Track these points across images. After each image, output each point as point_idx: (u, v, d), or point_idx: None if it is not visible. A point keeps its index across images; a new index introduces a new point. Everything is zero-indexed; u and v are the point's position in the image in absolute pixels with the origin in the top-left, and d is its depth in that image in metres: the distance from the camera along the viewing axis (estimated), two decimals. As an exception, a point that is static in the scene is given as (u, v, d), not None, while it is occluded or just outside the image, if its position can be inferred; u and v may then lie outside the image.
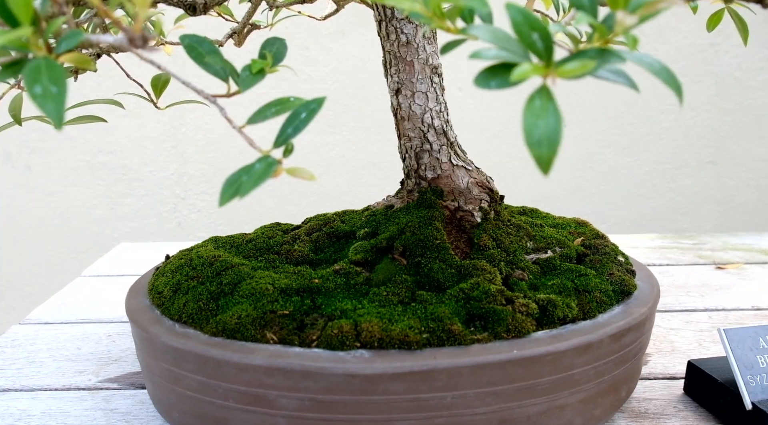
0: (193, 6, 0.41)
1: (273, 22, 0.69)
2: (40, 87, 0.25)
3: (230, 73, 0.35)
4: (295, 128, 0.33)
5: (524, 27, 0.25)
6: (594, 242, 0.57)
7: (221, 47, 0.65)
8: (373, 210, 0.57)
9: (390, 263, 0.49)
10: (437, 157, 0.53)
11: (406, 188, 0.55)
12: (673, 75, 0.26)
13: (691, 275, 0.86)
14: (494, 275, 0.48)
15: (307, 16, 0.69)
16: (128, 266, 0.91)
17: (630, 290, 0.50)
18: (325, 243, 0.55)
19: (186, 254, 0.54)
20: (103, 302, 0.77)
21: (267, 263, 0.52)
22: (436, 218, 0.52)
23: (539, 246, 0.53)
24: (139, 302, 0.50)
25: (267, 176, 0.31)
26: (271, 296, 0.45)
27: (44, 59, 0.26)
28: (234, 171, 0.32)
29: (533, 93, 0.26)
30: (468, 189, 0.53)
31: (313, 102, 0.34)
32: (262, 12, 0.66)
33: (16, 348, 0.65)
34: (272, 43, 0.38)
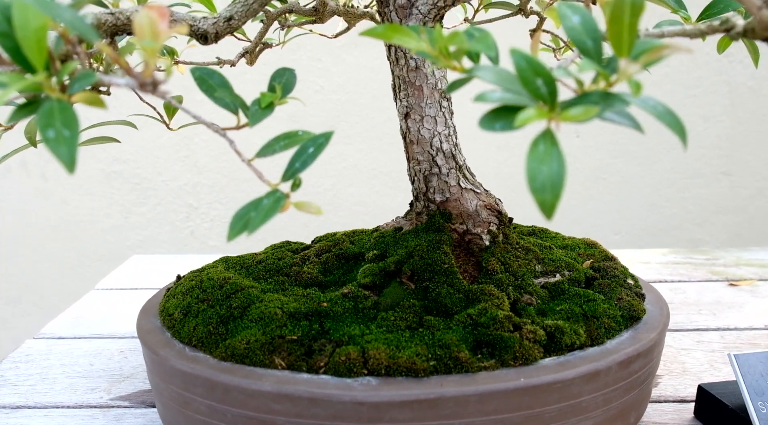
0: (204, 35, 0.42)
1: (285, 40, 0.69)
2: (53, 131, 0.25)
3: (240, 106, 0.36)
4: (303, 163, 0.33)
5: (528, 73, 0.25)
6: (603, 264, 0.57)
7: (233, 67, 0.66)
8: (382, 232, 0.57)
9: (398, 287, 0.50)
10: (446, 180, 0.53)
11: (415, 210, 0.56)
12: (677, 118, 0.26)
13: (703, 292, 0.85)
14: (502, 301, 0.48)
15: (318, 34, 0.70)
16: (141, 279, 0.92)
17: (639, 315, 0.50)
18: (334, 265, 0.55)
19: (197, 275, 0.54)
20: (115, 316, 0.78)
21: (276, 285, 0.52)
22: (444, 241, 0.52)
23: (548, 269, 0.53)
24: (150, 324, 0.51)
25: (275, 212, 0.32)
26: (280, 321, 0.46)
27: (57, 102, 0.26)
28: (243, 205, 0.33)
29: (537, 137, 0.26)
30: (476, 212, 0.53)
31: (320, 136, 0.34)
32: (274, 31, 0.67)
33: (30, 364, 0.66)
34: (281, 74, 0.39)
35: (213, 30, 0.42)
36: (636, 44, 0.26)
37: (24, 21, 0.25)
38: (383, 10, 0.49)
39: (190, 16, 0.42)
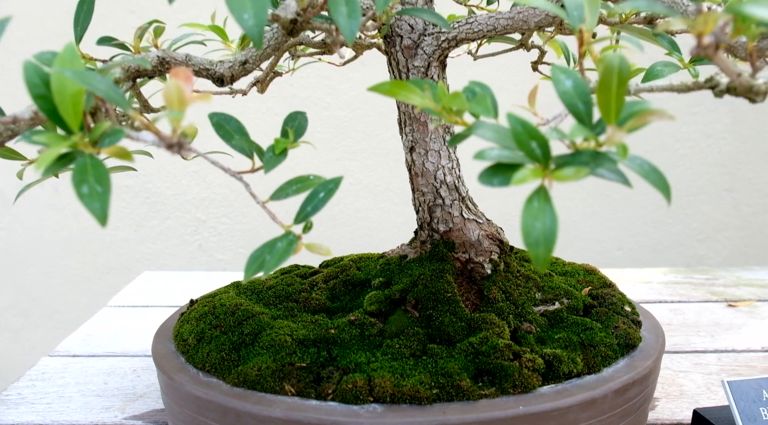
0: (221, 79, 0.44)
1: (295, 68, 0.72)
2: (87, 187, 0.28)
3: (256, 151, 0.38)
4: (314, 207, 0.36)
5: (523, 136, 0.27)
6: (601, 291, 0.58)
7: (245, 95, 0.68)
8: (387, 258, 0.59)
9: (403, 315, 0.52)
10: (449, 211, 0.55)
11: (420, 239, 0.58)
12: (662, 177, 0.29)
13: (702, 313, 0.87)
14: (503, 329, 0.50)
15: (327, 62, 0.72)
16: (152, 296, 0.94)
17: (635, 343, 0.52)
18: (341, 291, 0.58)
19: (209, 301, 0.57)
20: (127, 334, 0.80)
21: (286, 311, 0.55)
22: (447, 270, 0.54)
23: (547, 297, 0.55)
24: (165, 348, 0.53)
25: (289, 255, 0.34)
26: (290, 348, 0.48)
27: (90, 158, 0.29)
28: (258, 247, 0.35)
29: (532, 194, 0.28)
30: (479, 241, 0.55)
31: (330, 182, 0.36)
32: (284, 60, 0.69)
33: (46, 382, 0.68)
34: (294, 119, 0.41)
35: (229, 73, 0.44)
36: (623, 109, 0.28)
37: (61, 87, 0.27)
38: (390, 49, 0.52)
39: (207, 60, 0.44)
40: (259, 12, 0.29)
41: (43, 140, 0.27)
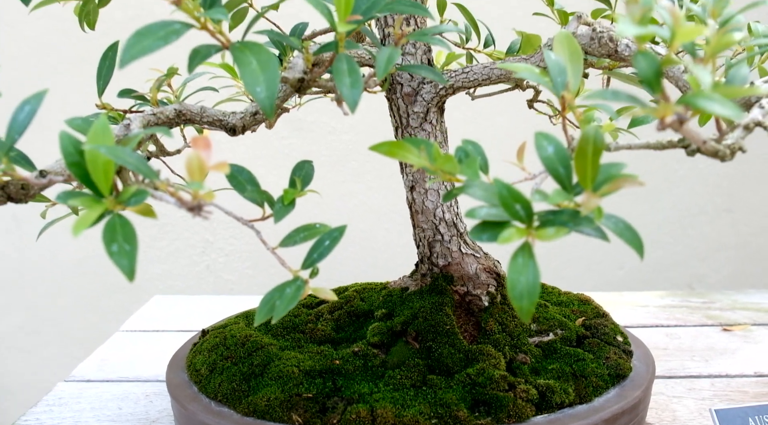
0: (233, 129, 0.47)
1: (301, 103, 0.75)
2: (116, 245, 0.31)
3: (266, 201, 0.41)
4: (320, 254, 0.39)
5: (509, 199, 0.30)
6: (594, 321, 0.61)
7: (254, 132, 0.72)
8: (390, 290, 0.62)
9: (404, 347, 0.54)
10: (448, 246, 0.58)
11: (420, 272, 0.60)
12: (635, 235, 0.31)
13: (697, 337, 0.89)
14: (499, 360, 0.53)
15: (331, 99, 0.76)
16: (163, 321, 0.97)
17: (625, 373, 0.55)
18: (345, 322, 0.60)
19: (220, 332, 0.59)
20: (140, 359, 0.83)
21: (293, 342, 0.57)
22: (446, 303, 0.57)
23: (542, 328, 0.58)
24: (178, 378, 0.56)
25: (297, 300, 0.37)
26: (297, 379, 0.51)
27: (118, 217, 0.32)
28: (269, 291, 0.38)
29: (517, 251, 0.31)
30: (476, 275, 0.58)
31: (335, 230, 0.39)
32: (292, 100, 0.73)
33: (63, 407, 0.71)
34: (301, 168, 0.44)
35: (240, 124, 0.47)
36: (600, 172, 0.31)
37: (94, 158, 0.30)
38: (391, 96, 0.55)
39: (220, 111, 0.48)
40: (271, 85, 0.32)
41: (79, 204, 0.30)
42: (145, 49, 0.31)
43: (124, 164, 0.29)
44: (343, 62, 0.35)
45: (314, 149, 1.54)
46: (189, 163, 0.29)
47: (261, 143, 1.50)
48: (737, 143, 0.34)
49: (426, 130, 0.55)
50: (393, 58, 0.36)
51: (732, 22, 0.30)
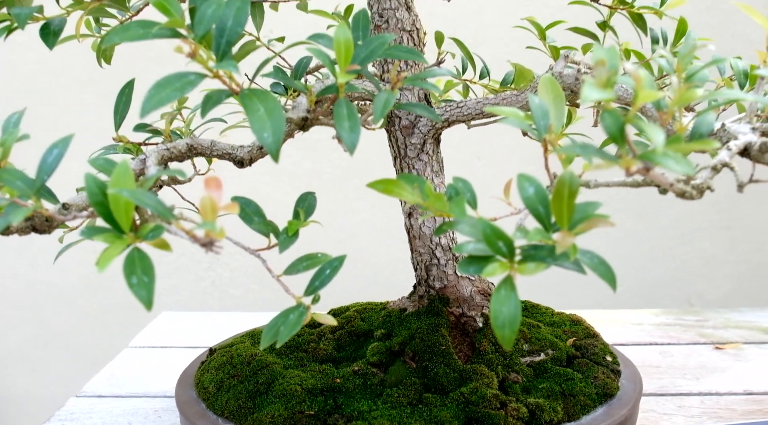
0: (241, 162, 0.50)
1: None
2: (136, 277, 0.34)
3: (272, 232, 0.44)
4: (321, 282, 0.42)
5: (492, 237, 0.33)
6: (585, 342, 0.64)
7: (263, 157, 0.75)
8: (389, 310, 0.65)
9: (402, 366, 0.57)
10: (444, 270, 0.61)
11: (418, 294, 0.63)
12: (609, 269, 0.34)
13: (690, 355, 0.92)
14: (491, 380, 0.55)
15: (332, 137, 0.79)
16: (170, 337, 1.00)
17: (612, 392, 0.57)
18: (346, 341, 0.63)
19: (227, 351, 0.62)
20: (148, 375, 0.86)
21: (296, 361, 0.60)
22: (442, 324, 0.59)
23: (533, 348, 0.61)
24: (187, 395, 0.59)
25: (300, 325, 0.40)
26: (300, 397, 0.54)
27: (137, 251, 0.35)
28: (274, 317, 0.41)
29: (500, 283, 0.34)
30: (471, 297, 0.61)
31: (335, 260, 0.42)
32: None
33: (75, 422, 0.74)
34: (304, 199, 0.47)
35: (248, 157, 0.50)
36: (575, 211, 0.34)
37: (116, 199, 0.33)
38: (390, 128, 0.58)
39: (229, 145, 0.51)
40: (277, 131, 0.35)
41: (103, 240, 0.33)
42: (163, 99, 0.34)
43: (144, 206, 0.32)
44: (343, 107, 0.38)
45: (318, 167, 1.57)
46: (203, 204, 0.32)
47: (266, 160, 1.54)
48: (705, 183, 0.37)
49: (423, 160, 0.58)
50: (389, 102, 0.39)
51: (696, 78, 0.33)
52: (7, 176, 0.36)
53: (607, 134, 0.28)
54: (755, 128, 0.40)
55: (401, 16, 0.55)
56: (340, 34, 0.39)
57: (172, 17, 0.38)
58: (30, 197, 0.36)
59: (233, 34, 0.37)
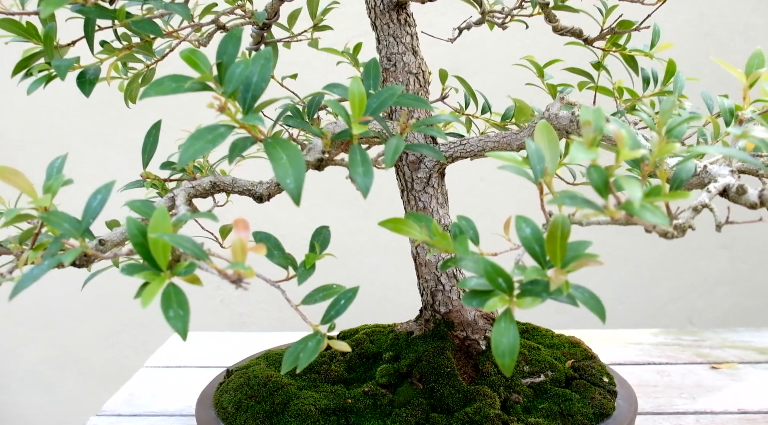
0: (260, 197, 0.54)
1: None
2: (173, 311, 0.38)
3: (290, 264, 0.48)
4: (336, 312, 0.45)
5: (492, 274, 0.37)
6: (583, 363, 0.67)
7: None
8: (396, 333, 0.68)
9: (409, 387, 0.61)
10: (449, 295, 0.64)
11: (424, 318, 0.67)
12: (599, 303, 0.38)
13: (687, 375, 0.95)
14: (494, 400, 0.59)
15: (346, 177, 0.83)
16: (184, 357, 1.04)
17: (608, 412, 0.61)
18: (356, 363, 0.67)
19: (244, 373, 0.66)
20: (165, 395, 0.89)
21: (309, 382, 0.64)
22: (447, 347, 0.63)
23: (534, 370, 0.64)
24: (207, 415, 0.63)
25: (317, 352, 0.43)
26: (314, 417, 0.57)
27: (173, 287, 0.39)
28: (293, 344, 0.45)
29: (500, 316, 0.38)
30: (474, 321, 0.65)
31: (350, 291, 0.46)
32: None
33: (97, 439, 0.77)
34: (319, 233, 0.51)
35: (266, 193, 0.54)
36: (568, 251, 0.37)
37: (155, 242, 0.37)
38: (398, 163, 0.62)
39: (249, 182, 0.55)
40: (298, 178, 0.39)
41: (143, 277, 0.37)
42: (198, 151, 0.38)
43: (182, 249, 0.36)
44: (357, 154, 0.42)
45: (327, 187, 1.61)
46: (234, 246, 0.36)
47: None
48: (687, 223, 0.41)
49: (428, 193, 0.62)
50: (399, 148, 0.43)
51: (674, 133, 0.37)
52: (55, 218, 0.40)
53: (593, 187, 0.32)
54: (733, 170, 0.43)
55: (408, 60, 0.59)
56: (354, 88, 0.43)
57: (200, 70, 0.42)
58: (77, 238, 0.40)
59: (258, 89, 0.41)
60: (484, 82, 0.83)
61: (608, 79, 0.67)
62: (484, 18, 0.64)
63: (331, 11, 0.73)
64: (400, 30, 0.58)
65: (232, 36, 0.43)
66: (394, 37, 0.59)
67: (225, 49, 0.43)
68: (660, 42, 0.64)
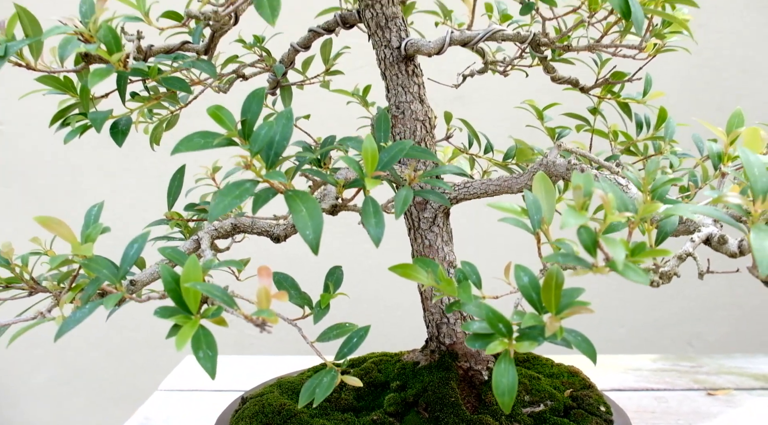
0: (277, 238, 0.58)
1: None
2: (202, 352, 0.41)
3: (306, 303, 0.52)
4: (349, 349, 0.49)
5: (493, 320, 0.41)
6: (581, 393, 0.70)
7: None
8: (403, 363, 0.72)
9: (416, 416, 0.64)
10: (453, 328, 0.68)
11: (429, 349, 0.70)
12: (591, 347, 0.42)
13: (683, 401, 0.98)
14: (496, 429, 0.62)
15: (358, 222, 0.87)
16: (197, 381, 1.07)
17: (604, 441, 0.64)
18: (365, 392, 0.70)
19: (258, 400, 0.69)
20: (179, 418, 0.93)
21: (320, 410, 0.67)
22: (452, 378, 0.66)
23: (534, 399, 0.68)
24: (224, 441, 0.66)
25: (333, 387, 0.47)
26: (326, 445, 0.60)
27: (202, 329, 0.42)
28: (309, 380, 0.48)
29: (500, 357, 0.41)
30: (477, 352, 0.68)
31: (362, 330, 0.50)
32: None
33: (115, 462, 0.80)
34: (333, 273, 0.55)
35: (283, 234, 0.58)
36: (563, 298, 0.41)
37: (187, 289, 0.41)
38: (405, 204, 0.66)
39: (267, 223, 0.59)
40: (317, 230, 0.43)
41: (175, 320, 0.41)
42: (227, 206, 0.42)
43: (213, 297, 0.39)
44: (369, 205, 0.46)
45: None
46: (259, 295, 0.40)
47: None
48: (672, 271, 0.45)
49: (434, 231, 0.66)
50: (408, 199, 0.47)
51: (659, 192, 0.41)
52: (95, 265, 0.44)
53: (582, 247, 0.36)
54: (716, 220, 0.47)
55: (415, 108, 0.63)
56: (367, 145, 0.47)
57: (226, 126, 0.46)
58: (115, 283, 0.44)
59: (280, 147, 0.45)
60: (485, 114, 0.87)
61: (603, 123, 0.72)
62: (486, 67, 0.69)
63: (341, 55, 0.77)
64: (408, 80, 0.63)
65: (256, 95, 0.47)
66: (403, 87, 0.63)
67: (249, 108, 0.47)
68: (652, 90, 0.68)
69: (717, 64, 1.56)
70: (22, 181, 1.63)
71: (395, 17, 0.62)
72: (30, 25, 0.48)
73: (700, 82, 1.55)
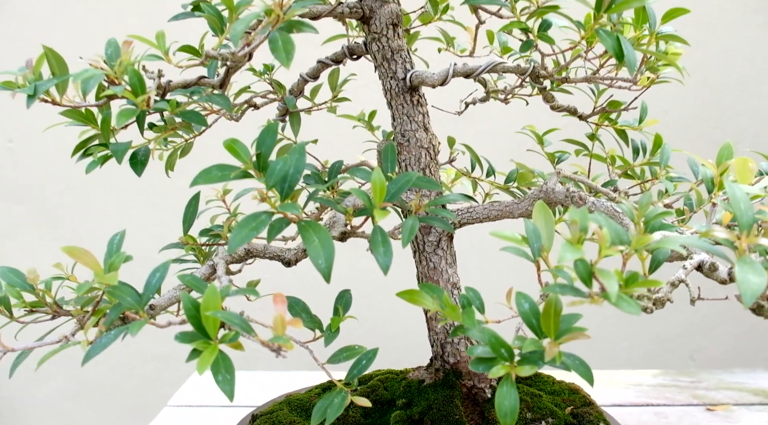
0: (288, 262, 0.61)
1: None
2: (221, 375, 0.44)
3: (317, 327, 0.54)
4: (359, 370, 0.52)
5: (496, 345, 0.43)
6: (581, 410, 0.73)
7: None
8: (408, 381, 0.74)
9: (421, 433, 0.66)
10: (457, 347, 0.70)
11: (434, 367, 0.73)
12: (588, 370, 0.44)
13: (683, 417, 1.00)
14: (499, 446, 0.64)
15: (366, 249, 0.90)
16: (206, 396, 1.10)
17: (604, 458, 0.66)
18: (372, 409, 0.72)
19: (269, 418, 0.72)
20: (189, 433, 0.95)
21: (329, 427, 0.69)
22: (456, 396, 0.69)
23: (535, 417, 0.70)
24: (236, 458, 0.68)
25: (343, 408, 0.50)
26: (335, 461, 0.63)
27: (221, 354, 0.45)
28: (320, 400, 0.51)
29: (502, 381, 0.44)
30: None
31: (370, 352, 0.52)
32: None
33: (128, 477, 0.83)
34: (342, 297, 0.58)
35: (294, 258, 0.61)
36: (561, 323, 0.43)
37: (207, 317, 0.44)
38: (410, 228, 0.68)
39: (278, 248, 0.61)
40: (329, 259, 0.45)
41: (197, 346, 0.43)
42: (244, 237, 0.44)
43: (232, 324, 0.42)
44: (378, 235, 0.49)
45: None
46: (275, 322, 0.43)
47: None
48: (666, 296, 0.47)
49: (438, 254, 0.69)
50: (414, 228, 0.50)
51: (651, 225, 0.43)
52: (119, 292, 0.46)
53: (578, 278, 0.38)
54: (707, 248, 0.49)
55: (420, 136, 0.66)
56: (376, 177, 0.49)
57: (241, 159, 0.49)
58: (138, 310, 0.46)
59: (294, 180, 0.48)
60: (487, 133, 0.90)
61: (602, 148, 0.74)
62: (488, 96, 0.71)
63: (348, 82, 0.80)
64: (413, 110, 0.65)
65: (270, 130, 0.50)
66: (408, 116, 0.65)
67: (264, 141, 0.49)
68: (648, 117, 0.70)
69: (715, 81, 1.59)
70: (32, 198, 1.66)
71: (400, 50, 0.64)
72: (57, 65, 0.51)
73: (699, 99, 1.58)
